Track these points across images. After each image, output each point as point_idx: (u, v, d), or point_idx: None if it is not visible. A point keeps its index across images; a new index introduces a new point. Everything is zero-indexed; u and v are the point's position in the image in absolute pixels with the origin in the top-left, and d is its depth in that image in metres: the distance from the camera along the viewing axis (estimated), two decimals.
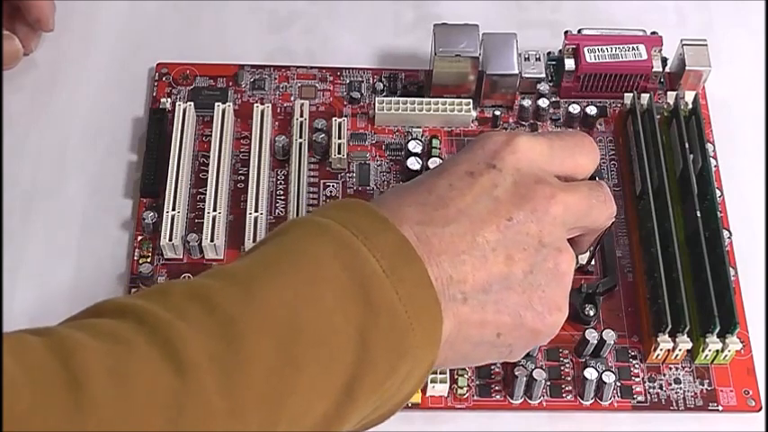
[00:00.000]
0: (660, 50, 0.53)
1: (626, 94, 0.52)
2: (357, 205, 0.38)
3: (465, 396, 0.46)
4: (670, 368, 0.47)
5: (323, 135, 0.52)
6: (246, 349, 0.32)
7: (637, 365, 0.47)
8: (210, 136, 0.52)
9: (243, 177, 0.52)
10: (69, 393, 0.29)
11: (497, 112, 0.54)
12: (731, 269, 0.47)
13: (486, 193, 0.38)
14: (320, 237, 0.36)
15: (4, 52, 0.53)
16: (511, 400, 0.46)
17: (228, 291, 0.33)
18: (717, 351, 0.46)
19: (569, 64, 0.53)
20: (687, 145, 0.50)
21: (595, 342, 0.46)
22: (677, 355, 0.47)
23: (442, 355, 0.37)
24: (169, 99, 0.54)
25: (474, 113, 0.54)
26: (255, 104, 0.53)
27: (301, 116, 0.53)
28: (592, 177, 0.51)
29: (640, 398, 0.46)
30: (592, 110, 0.53)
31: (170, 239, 0.48)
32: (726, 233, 0.49)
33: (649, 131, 0.50)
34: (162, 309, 0.32)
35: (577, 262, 0.48)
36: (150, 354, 0.31)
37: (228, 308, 0.32)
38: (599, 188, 0.42)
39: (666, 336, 0.46)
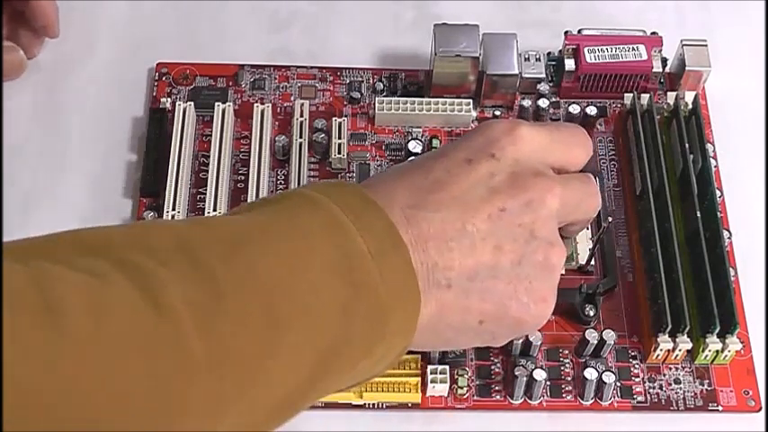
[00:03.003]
0: (660, 51, 0.53)
1: (626, 95, 0.52)
2: (348, 186, 0.38)
3: (465, 396, 0.46)
4: (670, 368, 0.47)
5: (323, 135, 0.52)
6: (228, 303, 0.31)
7: (637, 365, 0.47)
8: (210, 136, 0.52)
9: (243, 177, 0.52)
10: (46, 317, 0.28)
11: (497, 113, 0.54)
12: (731, 269, 0.47)
13: (481, 182, 0.38)
14: (312, 209, 0.35)
15: (9, 64, 0.53)
16: (511, 400, 0.46)
17: (215, 247, 0.33)
18: (717, 351, 0.46)
19: (569, 64, 0.53)
20: (687, 145, 0.50)
21: (595, 342, 0.46)
22: (677, 356, 0.47)
23: (424, 338, 0.38)
24: (169, 99, 0.54)
25: (474, 113, 0.54)
26: (255, 104, 0.53)
27: (301, 116, 0.53)
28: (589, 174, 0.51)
29: (640, 398, 0.46)
30: (592, 110, 0.53)
31: None
32: (726, 233, 0.49)
33: (649, 132, 0.50)
34: (144, 255, 0.31)
35: (570, 259, 0.48)
36: (129, 291, 0.30)
37: (213, 262, 0.32)
38: (589, 181, 0.42)
39: (666, 336, 0.46)
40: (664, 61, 0.54)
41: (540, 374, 0.45)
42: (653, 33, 0.54)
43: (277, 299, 0.33)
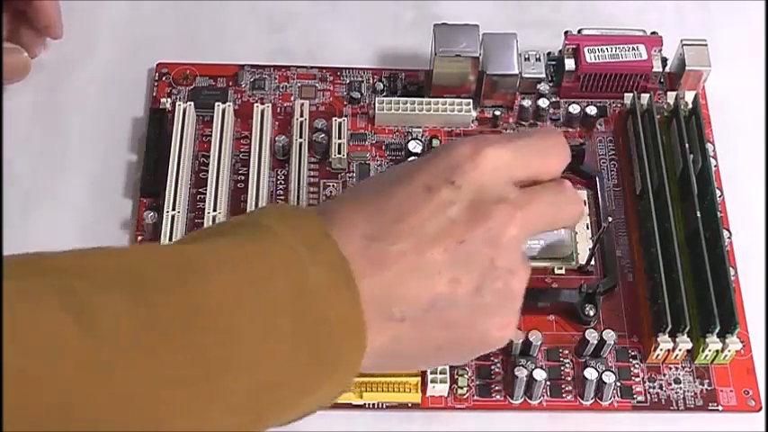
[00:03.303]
0: (660, 50, 0.53)
1: (626, 95, 0.52)
2: (305, 216, 0.37)
3: (465, 396, 0.46)
4: (670, 368, 0.47)
5: (323, 135, 0.52)
6: (167, 328, 0.31)
7: (637, 365, 0.47)
8: (210, 136, 0.52)
9: (243, 177, 0.52)
10: None
11: (497, 112, 0.54)
12: (731, 269, 0.47)
13: (440, 212, 0.37)
14: (266, 241, 0.35)
15: (13, 66, 0.52)
16: (511, 400, 0.46)
17: (160, 274, 0.32)
18: (717, 351, 0.46)
19: (569, 64, 0.53)
20: (687, 145, 0.50)
21: (595, 342, 0.46)
22: (677, 355, 0.47)
23: (380, 364, 0.38)
24: (169, 99, 0.54)
25: (474, 113, 0.54)
26: (255, 104, 0.53)
27: (301, 116, 0.53)
28: (591, 177, 0.51)
29: (640, 398, 0.46)
30: (592, 110, 0.53)
31: (170, 239, 0.48)
32: (726, 233, 0.49)
33: (649, 131, 0.50)
34: (84, 280, 0.31)
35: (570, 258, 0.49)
36: (59, 314, 0.29)
37: (155, 290, 0.32)
38: (563, 189, 0.40)
39: (666, 336, 0.46)
40: (664, 61, 0.54)
41: (540, 374, 0.45)
42: (653, 33, 0.54)
43: (221, 327, 0.32)
